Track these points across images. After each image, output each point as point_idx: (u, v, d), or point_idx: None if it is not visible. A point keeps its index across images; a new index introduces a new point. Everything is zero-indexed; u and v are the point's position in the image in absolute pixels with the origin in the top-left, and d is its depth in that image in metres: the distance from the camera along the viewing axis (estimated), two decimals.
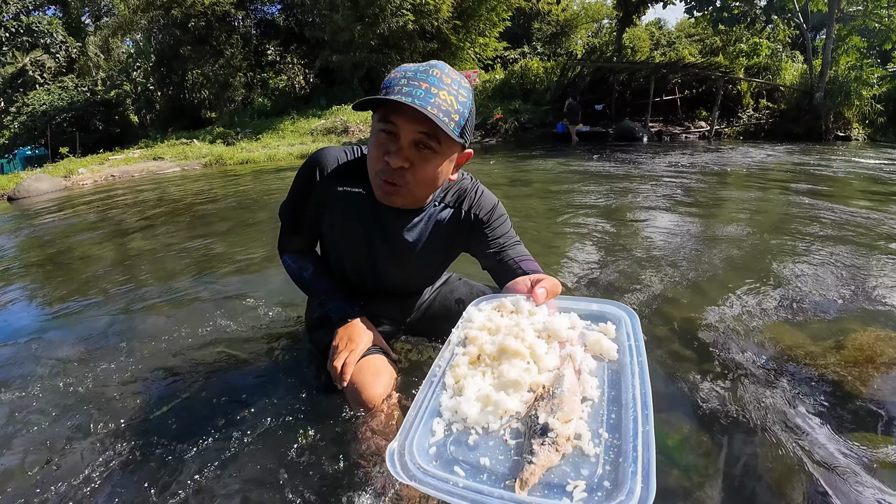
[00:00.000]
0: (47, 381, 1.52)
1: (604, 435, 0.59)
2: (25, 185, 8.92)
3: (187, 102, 21.32)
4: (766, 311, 1.81)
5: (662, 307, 1.85)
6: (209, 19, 17.95)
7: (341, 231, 1.16)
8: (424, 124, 0.87)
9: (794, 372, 1.42)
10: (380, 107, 0.90)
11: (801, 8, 13.59)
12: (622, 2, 16.77)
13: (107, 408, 1.36)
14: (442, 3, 16.18)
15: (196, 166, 11.50)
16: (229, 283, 2.38)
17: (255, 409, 1.29)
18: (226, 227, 3.83)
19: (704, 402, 1.28)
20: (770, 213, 3.47)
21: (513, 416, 0.63)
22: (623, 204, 3.99)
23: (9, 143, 20.21)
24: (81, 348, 1.76)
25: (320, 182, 1.10)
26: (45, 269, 3.03)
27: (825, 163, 6.72)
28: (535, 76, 16.50)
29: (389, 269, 1.22)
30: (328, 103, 17.34)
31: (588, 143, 11.55)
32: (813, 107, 12.34)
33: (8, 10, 24.15)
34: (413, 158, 0.91)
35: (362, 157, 1.12)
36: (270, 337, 1.72)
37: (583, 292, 2.05)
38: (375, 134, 0.94)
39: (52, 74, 23.66)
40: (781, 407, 1.25)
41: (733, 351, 1.53)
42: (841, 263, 2.29)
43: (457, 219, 1.16)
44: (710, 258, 2.43)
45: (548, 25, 27.03)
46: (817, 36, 17.49)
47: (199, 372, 1.51)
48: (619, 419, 0.61)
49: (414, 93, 0.86)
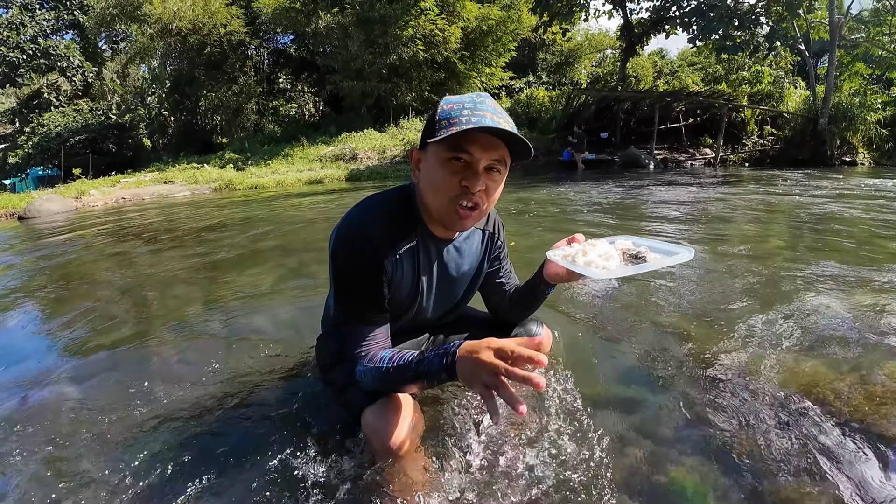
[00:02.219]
0: (44, 416, 1.48)
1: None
2: (36, 204, 9.04)
3: (199, 128, 21.79)
4: (784, 344, 1.75)
5: (674, 344, 1.80)
6: (224, 47, 18.51)
7: (397, 293, 1.08)
8: (497, 151, 0.94)
9: (817, 411, 1.36)
10: (447, 138, 0.91)
11: (803, 35, 13.85)
12: (625, 32, 17.14)
13: (102, 445, 1.32)
14: (451, 35, 16.62)
15: (206, 190, 11.65)
16: (237, 315, 2.36)
17: (262, 451, 1.25)
18: (234, 255, 3.83)
19: (723, 445, 1.23)
20: (780, 240, 3.43)
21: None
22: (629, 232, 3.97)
23: (22, 162, 20.63)
24: (82, 380, 1.73)
25: (384, 259, 1.00)
26: (51, 293, 3.02)
27: (834, 188, 6.70)
28: (540, 105, 16.80)
29: (433, 308, 1.20)
30: (337, 130, 17.68)
31: (594, 171, 11.63)
32: (817, 132, 12.44)
33: (26, 32, 25.03)
34: (486, 181, 0.96)
35: (402, 200, 1.07)
36: (280, 373, 1.69)
37: (588, 328, 2.00)
38: (443, 163, 0.94)
39: (67, 97, 24.35)
40: (805, 450, 1.19)
41: (752, 389, 1.47)
42: (860, 291, 2.23)
43: (486, 241, 1.23)
44: (721, 288, 2.38)
45: (552, 56, 27.62)
46: (819, 62, 17.77)
47: (204, 410, 1.48)
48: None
49: (483, 121, 0.89)
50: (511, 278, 1.32)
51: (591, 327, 1.99)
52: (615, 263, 1.00)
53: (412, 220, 1.05)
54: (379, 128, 17.32)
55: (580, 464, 1.16)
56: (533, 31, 18.88)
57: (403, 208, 1.06)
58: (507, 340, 0.78)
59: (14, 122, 24.84)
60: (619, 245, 1.07)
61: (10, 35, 24.80)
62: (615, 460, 1.18)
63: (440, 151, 0.94)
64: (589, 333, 1.92)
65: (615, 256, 1.02)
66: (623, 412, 1.39)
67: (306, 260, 3.48)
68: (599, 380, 1.57)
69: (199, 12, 17.34)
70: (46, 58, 24.90)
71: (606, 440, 1.25)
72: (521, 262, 2.59)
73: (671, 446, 1.23)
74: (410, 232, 1.05)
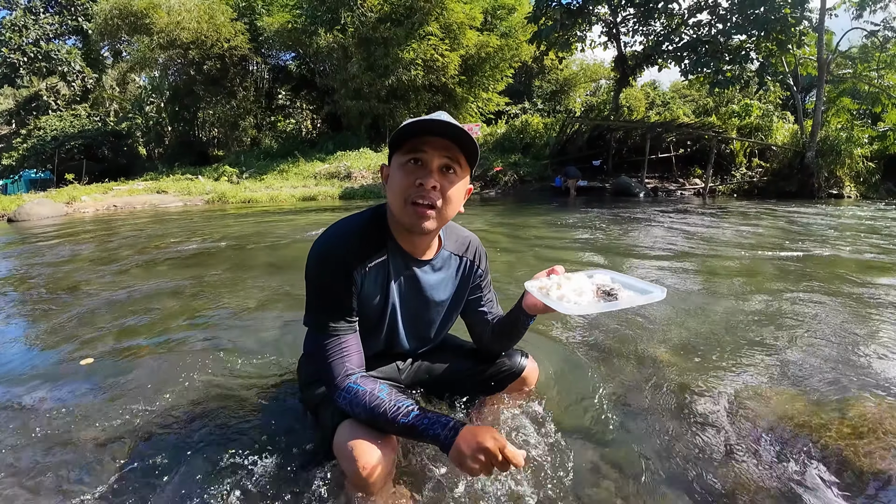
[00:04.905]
0: (23, 430, 1.45)
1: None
2: (27, 208, 8.98)
3: (196, 139, 21.87)
4: (766, 378, 1.77)
5: (658, 376, 1.81)
6: (226, 61, 18.73)
7: (367, 307, 1.12)
8: (449, 150, 1.01)
9: (798, 447, 1.37)
10: (405, 143, 1.01)
11: (792, 71, 14.32)
12: (619, 64, 17.63)
13: (83, 461, 1.29)
14: (450, 62, 16.98)
15: (198, 202, 11.62)
16: (221, 330, 2.34)
17: (239, 470, 1.23)
18: (221, 269, 3.81)
19: (706, 480, 1.23)
20: (765, 276, 3.48)
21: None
22: (615, 264, 4.02)
23: (16, 164, 20.52)
24: (63, 394, 1.69)
25: (353, 271, 1.06)
26: (34, 300, 2.98)
27: (821, 220, 6.84)
28: (534, 131, 17.09)
29: (407, 333, 1.22)
30: (334, 148, 17.82)
31: (585, 198, 11.79)
32: (805, 166, 12.75)
33: (28, 35, 25.16)
34: (440, 181, 1.02)
35: (374, 219, 1.12)
36: (261, 389, 1.67)
37: (574, 357, 2.01)
38: (401, 167, 1.02)
39: (65, 102, 24.37)
40: (785, 486, 1.20)
41: (734, 425, 1.48)
42: (841, 328, 2.27)
43: (464, 268, 1.25)
44: (706, 324, 2.41)
45: (548, 83, 28.29)
46: (807, 97, 18.34)
47: (184, 427, 1.45)
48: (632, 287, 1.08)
49: (429, 121, 0.98)
50: (495, 308, 1.33)
51: (577, 357, 1.99)
52: (587, 299, 1.03)
53: (382, 238, 1.11)
54: (375, 147, 17.50)
55: (559, 496, 1.15)
56: (534, 60, 19.35)
57: (374, 226, 1.12)
58: (497, 442, 0.87)
59: (10, 123, 24.78)
60: (597, 279, 1.09)
61: (13, 36, 24.92)
62: (594, 492, 1.18)
63: (399, 158, 1.03)
64: (574, 363, 1.93)
65: (588, 291, 1.05)
66: (603, 444, 1.38)
67: (294, 279, 3.45)
68: (582, 410, 1.56)
69: (205, 26, 17.58)
70: (47, 61, 25.00)
71: (585, 472, 1.24)
72: (502, 293, 2.60)
73: (651, 479, 1.23)
74: (381, 248, 1.10)
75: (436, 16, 16.70)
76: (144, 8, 16.76)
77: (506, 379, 1.39)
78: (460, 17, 17.22)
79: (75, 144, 20.53)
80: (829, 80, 13.64)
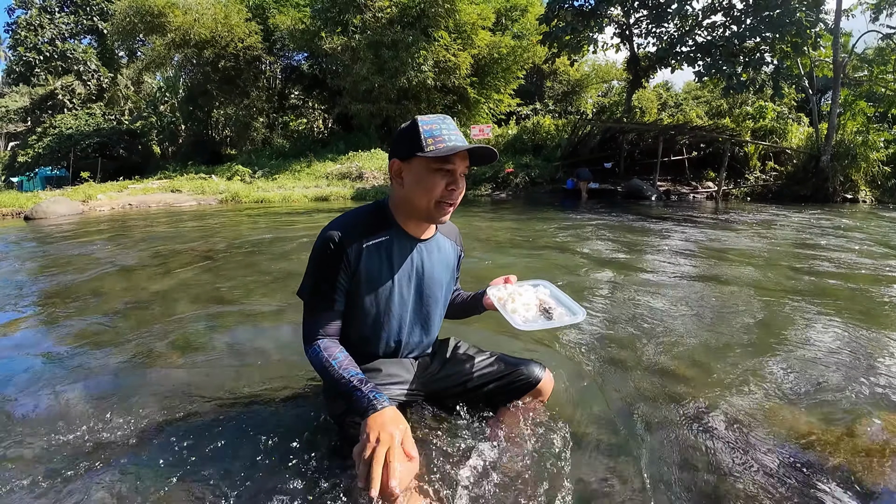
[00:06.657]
0: (32, 427, 1.50)
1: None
2: (43, 206, 9.15)
3: (209, 138, 22.12)
4: (777, 391, 1.77)
5: (668, 387, 1.82)
6: (239, 61, 18.92)
7: (368, 283, 1.24)
8: (466, 161, 1.21)
9: (807, 461, 1.37)
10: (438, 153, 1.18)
11: (807, 73, 14.11)
12: (632, 65, 17.50)
13: (102, 464, 1.34)
14: (462, 62, 16.96)
15: (212, 201, 11.76)
16: (240, 335, 2.39)
17: (258, 476, 1.26)
18: (239, 272, 3.87)
19: (714, 495, 1.24)
20: (776, 285, 3.45)
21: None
22: (626, 275, 4.00)
23: (32, 161, 20.91)
24: (85, 398, 1.74)
25: (346, 247, 1.19)
26: (55, 302, 3.05)
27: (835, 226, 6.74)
28: (546, 133, 17.00)
29: (412, 308, 1.33)
30: (345, 148, 17.88)
31: (597, 200, 11.74)
32: (820, 169, 12.57)
33: (44, 34, 25.59)
34: (461, 184, 1.23)
35: (376, 209, 1.29)
36: (281, 394, 1.71)
37: (584, 368, 2.02)
38: (433, 172, 1.18)
39: (81, 100, 24.76)
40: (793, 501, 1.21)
41: (742, 439, 1.49)
42: (852, 340, 2.25)
43: (453, 250, 1.44)
44: (715, 333, 2.40)
45: (560, 84, 28.16)
46: (823, 100, 18.04)
47: (204, 431, 1.49)
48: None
49: (461, 141, 1.18)
50: (457, 283, 1.60)
51: (587, 368, 2.01)
52: (532, 314, 1.34)
53: (385, 222, 1.27)
54: (387, 148, 17.51)
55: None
56: (545, 62, 19.26)
57: (376, 213, 1.28)
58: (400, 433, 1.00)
59: (26, 121, 25.24)
60: (540, 294, 1.40)
61: (29, 35, 25.37)
62: (605, 503, 1.20)
63: (430, 163, 1.17)
64: (584, 374, 1.94)
65: (534, 307, 1.35)
66: (612, 455, 1.40)
67: None
68: (592, 421, 1.58)
69: (220, 26, 17.78)
70: (63, 60, 25.42)
71: (594, 483, 1.26)
72: None
73: (661, 493, 1.25)
74: (382, 229, 1.25)
75: (446, 19, 16.69)
76: (162, 6, 16.99)
77: (522, 388, 1.43)
78: (472, 16, 17.22)
79: (90, 143, 20.89)
80: (844, 83, 13.42)
